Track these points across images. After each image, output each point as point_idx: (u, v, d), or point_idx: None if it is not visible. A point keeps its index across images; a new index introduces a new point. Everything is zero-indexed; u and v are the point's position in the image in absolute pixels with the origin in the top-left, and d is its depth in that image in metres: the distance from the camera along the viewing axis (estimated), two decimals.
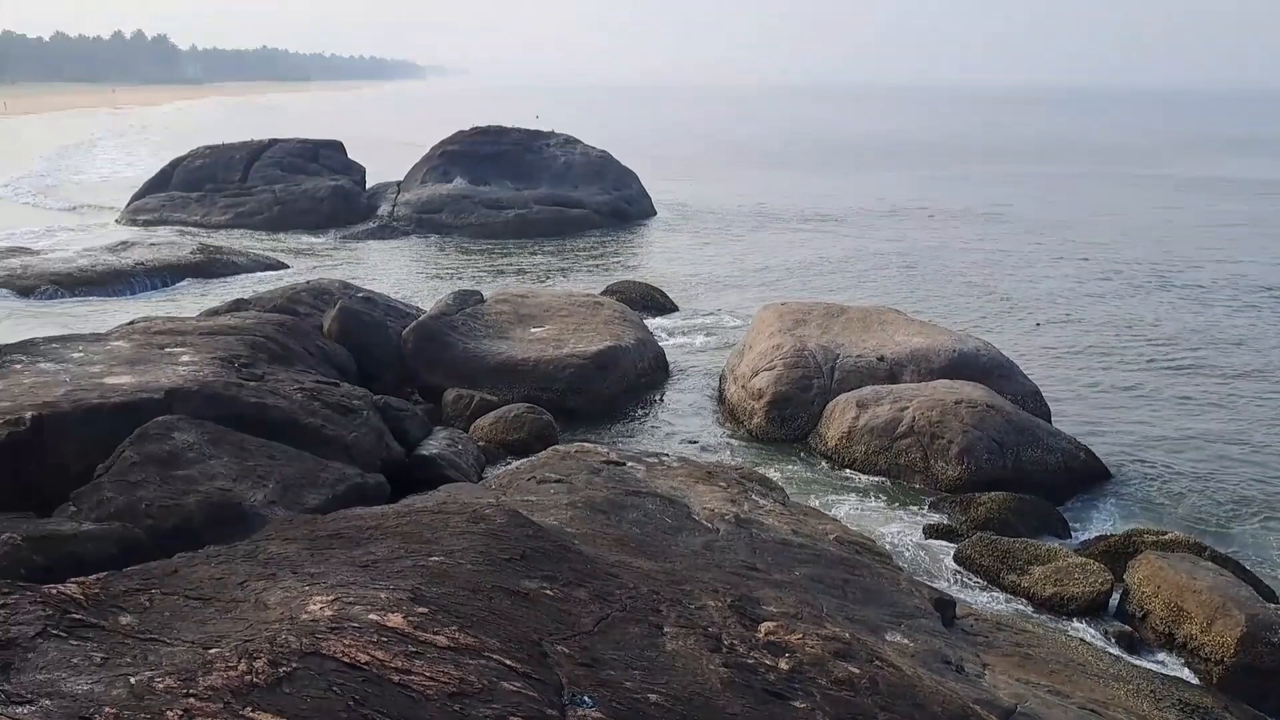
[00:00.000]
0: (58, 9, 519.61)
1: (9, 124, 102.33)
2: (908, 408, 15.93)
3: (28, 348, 14.07)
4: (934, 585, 11.17)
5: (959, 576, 12.46)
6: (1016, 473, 14.92)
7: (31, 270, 27.38)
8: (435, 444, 14.70)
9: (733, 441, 17.17)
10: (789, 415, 17.21)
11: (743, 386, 18.14)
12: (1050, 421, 16.81)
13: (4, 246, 30.83)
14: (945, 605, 9.96)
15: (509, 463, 14.80)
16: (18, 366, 13.15)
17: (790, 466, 15.99)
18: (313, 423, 12.97)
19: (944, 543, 13.30)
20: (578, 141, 46.60)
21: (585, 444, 14.80)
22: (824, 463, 16.16)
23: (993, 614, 11.06)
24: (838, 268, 33.01)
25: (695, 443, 16.96)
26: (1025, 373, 18.30)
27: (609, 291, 26.10)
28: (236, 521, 9.51)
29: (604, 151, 46.10)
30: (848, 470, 15.81)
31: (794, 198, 50.73)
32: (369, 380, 17.27)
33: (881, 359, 18.10)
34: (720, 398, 19.09)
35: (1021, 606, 11.77)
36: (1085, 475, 15.43)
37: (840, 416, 16.41)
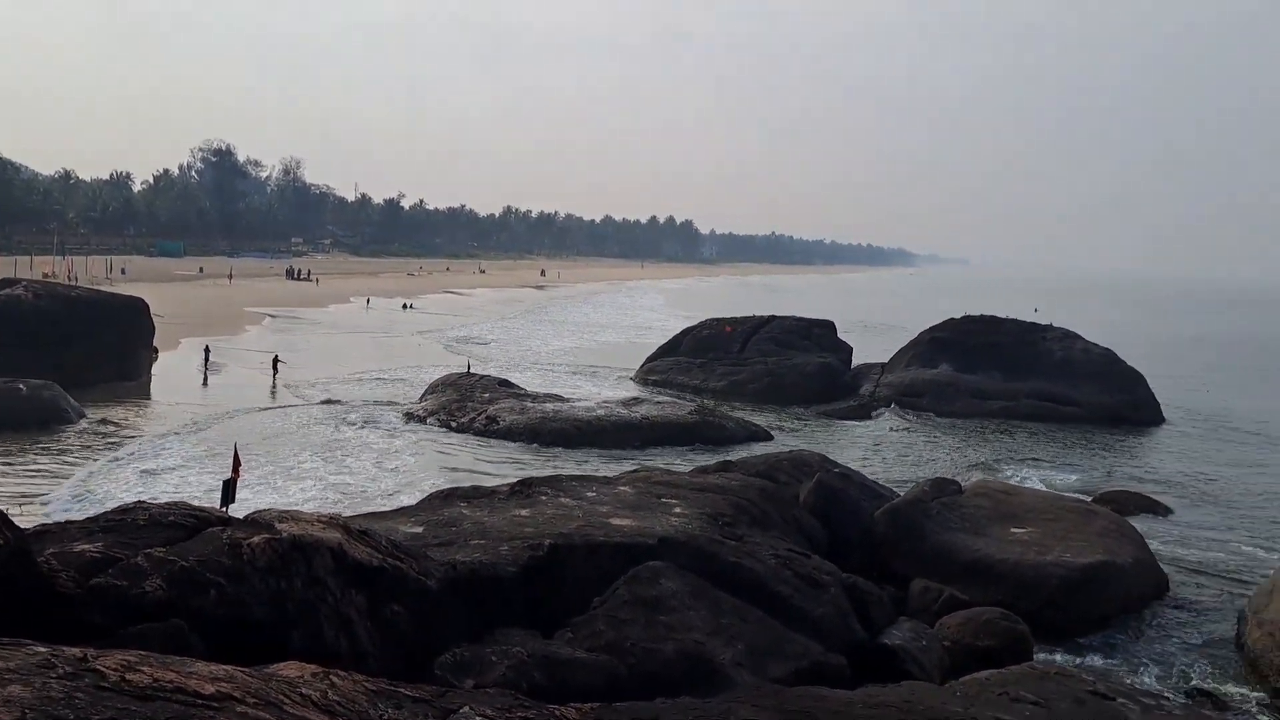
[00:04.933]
0: (607, 200, 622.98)
1: (562, 290, 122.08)
2: None
3: (553, 482, 16.24)
4: None
5: None
6: None
7: (561, 415, 31.70)
8: (899, 634, 14.19)
9: (1251, 697, 14.44)
10: None
11: (1270, 634, 15.31)
12: None
13: (544, 392, 36.21)
14: None
15: (973, 670, 13.78)
16: (543, 498, 15.20)
17: None
18: (782, 590, 13.25)
19: None
20: (1078, 337, 44.00)
21: (1066, 667, 13.40)
22: None
23: None
24: None
25: (1203, 692, 14.53)
26: None
27: (1103, 500, 23.81)
28: (706, 676, 9.92)
29: (1108, 350, 42.96)
30: None
31: None
32: (836, 556, 17.27)
33: None
34: (1237, 643, 16.26)
35: None
36: None
37: None
